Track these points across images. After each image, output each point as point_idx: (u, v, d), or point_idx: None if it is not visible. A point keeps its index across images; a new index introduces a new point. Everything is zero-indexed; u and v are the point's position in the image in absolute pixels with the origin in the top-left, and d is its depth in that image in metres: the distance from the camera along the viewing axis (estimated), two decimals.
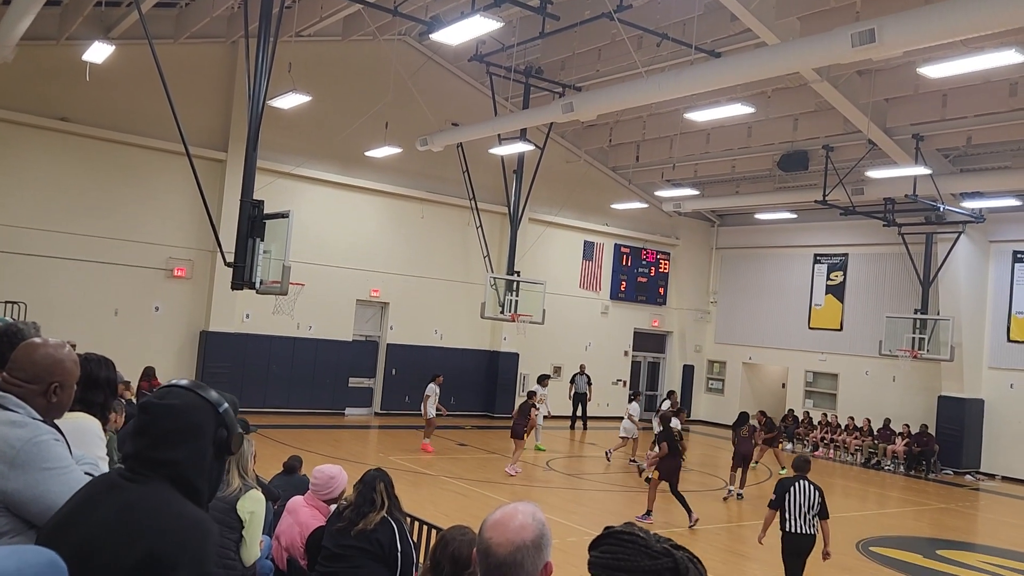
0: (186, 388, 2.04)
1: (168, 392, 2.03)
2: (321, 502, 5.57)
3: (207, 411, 2.01)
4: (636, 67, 14.57)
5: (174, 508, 1.90)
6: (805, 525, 7.77)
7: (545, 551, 1.92)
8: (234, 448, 2.06)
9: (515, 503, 1.99)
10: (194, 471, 1.97)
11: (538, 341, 22.28)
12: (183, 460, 1.95)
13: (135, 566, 1.79)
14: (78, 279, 16.79)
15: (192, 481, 1.96)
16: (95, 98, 16.72)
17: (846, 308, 23.26)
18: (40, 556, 1.56)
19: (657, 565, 1.27)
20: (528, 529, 1.90)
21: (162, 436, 1.95)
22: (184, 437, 1.96)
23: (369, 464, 7.79)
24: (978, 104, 15.65)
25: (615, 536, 1.35)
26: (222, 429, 2.01)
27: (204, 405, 2.01)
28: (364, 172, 20.14)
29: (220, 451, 2.03)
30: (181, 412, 1.98)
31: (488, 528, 1.94)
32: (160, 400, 2.01)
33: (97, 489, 1.99)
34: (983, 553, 12.00)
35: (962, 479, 19.27)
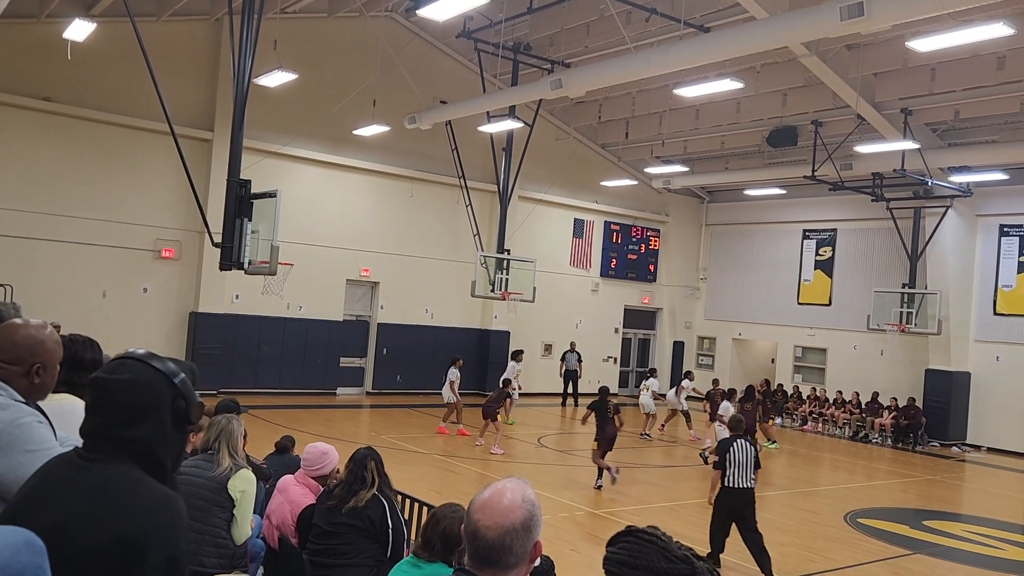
0: (139, 359, 1.94)
1: (120, 365, 1.93)
2: (312, 480, 5.59)
3: (163, 383, 1.92)
4: (625, 43, 14.50)
5: (142, 489, 1.85)
6: (744, 479, 8.49)
7: (534, 532, 1.89)
8: (194, 418, 1.98)
9: (505, 481, 1.94)
10: (157, 446, 1.90)
11: (529, 319, 22.31)
12: (143, 437, 1.88)
13: (107, 549, 1.75)
14: (64, 261, 16.68)
15: (156, 456, 1.90)
16: (78, 77, 16.50)
17: (835, 283, 23.37)
18: (17, 536, 1.54)
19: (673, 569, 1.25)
20: (517, 511, 1.87)
21: (119, 413, 1.88)
22: (143, 414, 1.89)
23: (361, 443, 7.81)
24: (966, 78, 15.65)
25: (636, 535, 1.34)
26: (180, 400, 1.93)
27: (159, 378, 1.92)
28: (352, 151, 20.02)
29: (180, 422, 1.95)
30: (136, 387, 1.90)
31: (477, 509, 1.90)
32: (112, 375, 1.91)
33: (57, 471, 1.92)
34: (968, 523, 12.17)
35: (948, 451, 19.49)
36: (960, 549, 10.41)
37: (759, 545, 8.40)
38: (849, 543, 10.21)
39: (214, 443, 4.98)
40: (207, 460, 4.97)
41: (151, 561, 1.77)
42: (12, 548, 1.51)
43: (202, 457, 5.02)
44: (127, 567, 1.75)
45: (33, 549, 1.54)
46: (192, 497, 4.79)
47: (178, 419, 1.94)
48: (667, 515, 10.95)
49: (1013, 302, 19.68)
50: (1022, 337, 19.41)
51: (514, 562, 1.88)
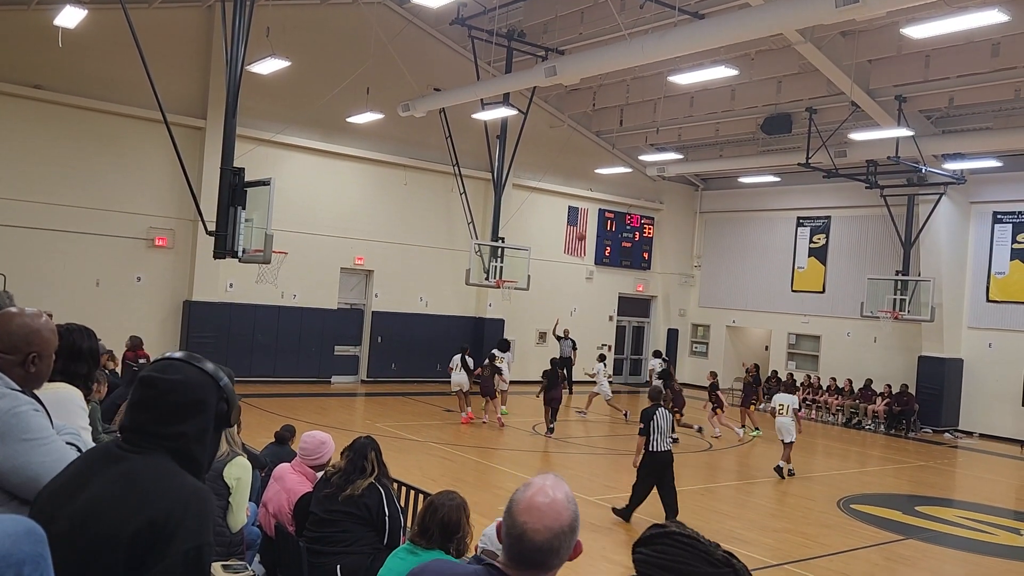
0: (185, 362, 2.03)
1: (169, 366, 2.02)
2: (308, 468, 5.61)
3: (210, 385, 2.01)
4: (619, 30, 14.45)
5: (174, 478, 1.91)
6: (664, 443, 9.59)
7: (577, 531, 1.85)
8: (233, 420, 2.08)
9: (543, 480, 1.87)
10: (196, 444, 1.98)
11: (523, 307, 22.33)
12: (188, 433, 1.96)
13: (135, 534, 1.79)
14: (58, 250, 16.61)
15: (194, 454, 1.98)
16: (69, 65, 16.39)
17: (828, 270, 23.43)
18: (18, 524, 1.54)
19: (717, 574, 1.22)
20: (565, 513, 1.82)
21: (168, 411, 1.96)
22: (190, 412, 1.97)
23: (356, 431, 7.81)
24: (960, 65, 15.65)
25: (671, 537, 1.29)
26: (223, 403, 2.03)
27: (206, 379, 2.02)
28: (346, 139, 19.94)
29: (220, 424, 2.05)
30: (186, 387, 1.98)
31: (522, 511, 1.82)
32: (163, 374, 1.99)
33: (94, 460, 1.99)
34: (960, 508, 12.26)
35: (941, 437, 19.62)
36: (952, 534, 10.50)
37: (672, 502, 9.58)
38: (842, 529, 10.28)
39: None
40: None
41: (177, 547, 1.81)
42: (13, 537, 1.51)
43: None
44: (154, 551, 1.80)
45: (34, 538, 1.54)
46: None
47: (219, 420, 2.04)
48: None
49: (1006, 289, 19.76)
50: (1015, 324, 19.50)
51: (557, 564, 1.84)
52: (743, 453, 15.66)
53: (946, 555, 9.61)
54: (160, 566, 1.79)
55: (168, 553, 1.80)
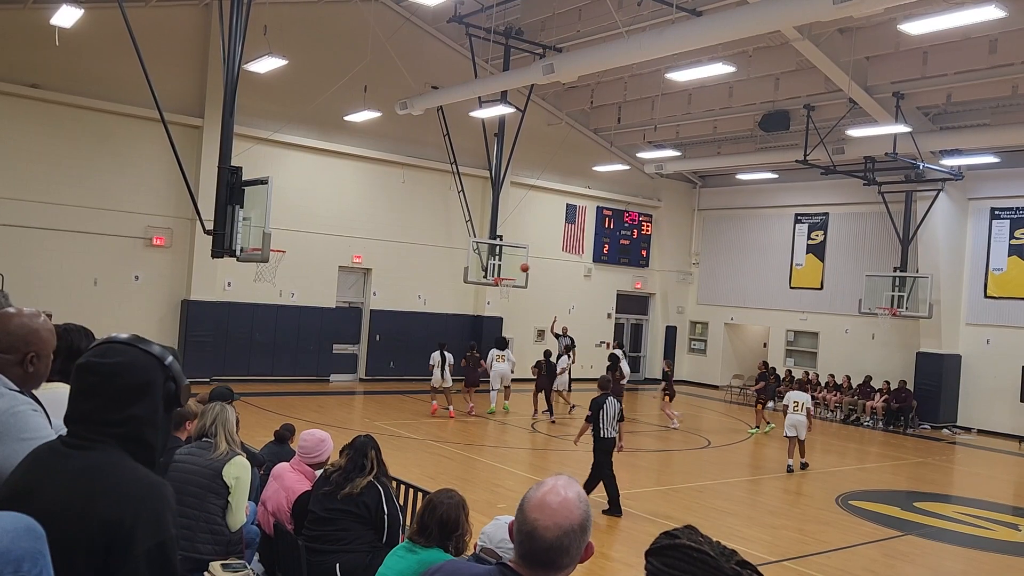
0: (127, 343, 1.96)
1: (109, 349, 1.94)
2: (307, 467, 5.61)
3: (154, 366, 1.94)
4: (617, 27, 14.45)
5: (127, 474, 1.84)
6: (611, 430, 10.08)
7: (589, 532, 1.85)
8: (183, 400, 2.00)
9: (555, 480, 1.88)
10: (147, 427, 1.92)
11: (522, 305, 22.33)
12: (138, 416, 1.90)
13: (93, 536, 1.75)
14: (55, 249, 16.59)
15: (146, 438, 1.92)
16: (66, 64, 16.37)
17: (826, 267, 23.44)
18: (17, 521, 1.54)
19: None
20: (576, 512, 1.82)
21: (113, 397, 1.89)
22: (137, 395, 1.90)
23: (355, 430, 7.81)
24: (958, 61, 15.66)
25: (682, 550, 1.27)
26: (170, 382, 1.96)
27: (150, 360, 1.94)
28: (343, 137, 19.93)
29: (169, 404, 1.97)
30: (130, 369, 1.91)
31: (532, 509, 1.83)
32: (104, 358, 1.92)
33: (42, 459, 1.92)
34: (959, 504, 12.28)
35: (939, 433, 19.64)
36: (951, 530, 10.51)
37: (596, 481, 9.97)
38: (841, 525, 10.29)
39: (211, 428, 5.00)
40: (203, 447, 4.98)
41: (139, 546, 1.76)
42: (12, 534, 1.51)
43: (198, 444, 5.03)
44: (114, 553, 1.75)
45: (33, 535, 1.54)
46: (187, 484, 4.80)
47: (168, 401, 1.96)
48: (661, 499, 11.02)
49: (1004, 285, 19.79)
50: (1012, 320, 19.53)
51: (567, 563, 1.84)
52: (742, 450, 15.67)
53: (945, 551, 9.63)
54: (124, 570, 1.74)
55: (130, 556, 1.75)
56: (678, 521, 9.79)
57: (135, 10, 14.91)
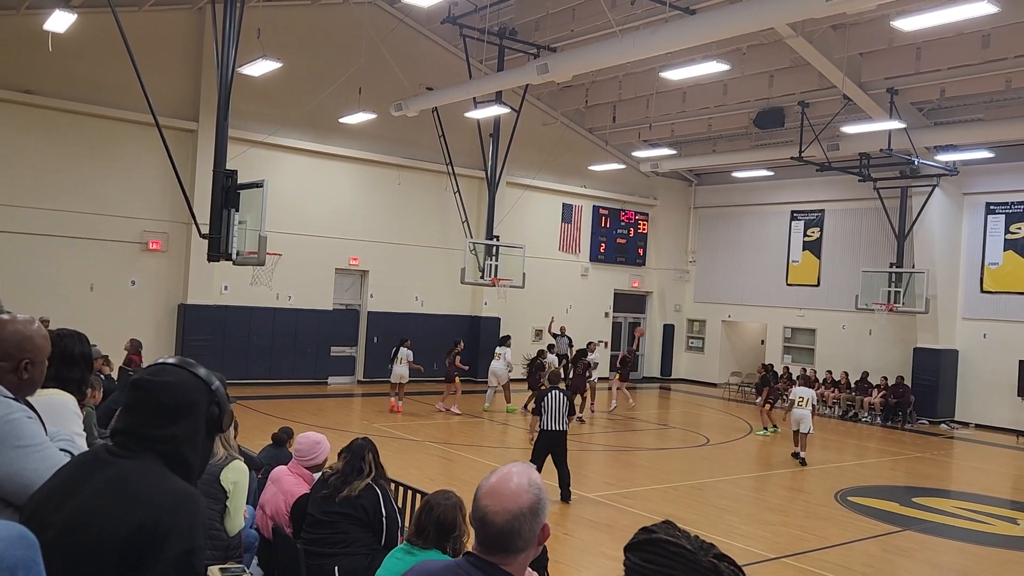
0: (178, 366, 2.05)
1: (161, 369, 2.04)
2: (305, 470, 5.61)
3: (200, 389, 2.02)
4: (610, 26, 14.45)
5: (164, 481, 1.91)
6: (556, 423, 10.12)
7: (542, 515, 1.91)
8: (225, 426, 2.07)
9: (510, 466, 1.96)
10: (188, 447, 1.99)
11: (519, 305, 22.32)
12: (178, 435, 1.97)
13: (126, 538, 1.79)
14: (51, 255, 16.56)
15: (186, 457, 1.98)
16: (60, 69, 16.34)
17: (823, 264, 23.47)
18: (10, 530, 1.54)
19: None
20: (525, 495, 1.89)
21: (158, 413, 1.97)
22: (180, 414, 1.98)
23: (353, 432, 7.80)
24: (951, 56, 15.69)
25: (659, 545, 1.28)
26: (214, 407, 2.04)
27: (197, 383, 2.03)
28: (338, 139, 19.92)
29: (211, 428, 2.05)
30: (177, 390, 2.00)
31: (484, 496, 1.92)
32: (155, 377, 2.01)
33: (84, 464, 2.00)
34: (957, 499, 12.30)
35: (937, 428, 19.68)
36: (950, 525, 10.53)
37: (563, 475, 10.17)
38: (839, 521, 10.31)
39: None
40: None
41: (168, 552, 1.81)
42: (5, 542, 1.51)
43: None
44: (145, 557, 1.80)
45: (26, 543, 1.54)
46: None
47: (210, 424, 2.04)
48: (660, 497, 11.02)
49: (1000, 280, 19.82)
50: (1009, 314, 19.57)
51: (523, 546, 1.91)
52: (741, 448, 15.68)
53: (944, 546, 9.64)
54: (151, 572, 1.79)
55: (159, 558, 1.80)
56: (678, 519, 9.72)
57: (128, 15, 14.89)
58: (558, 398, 10.22)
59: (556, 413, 10.13)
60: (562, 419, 10.15)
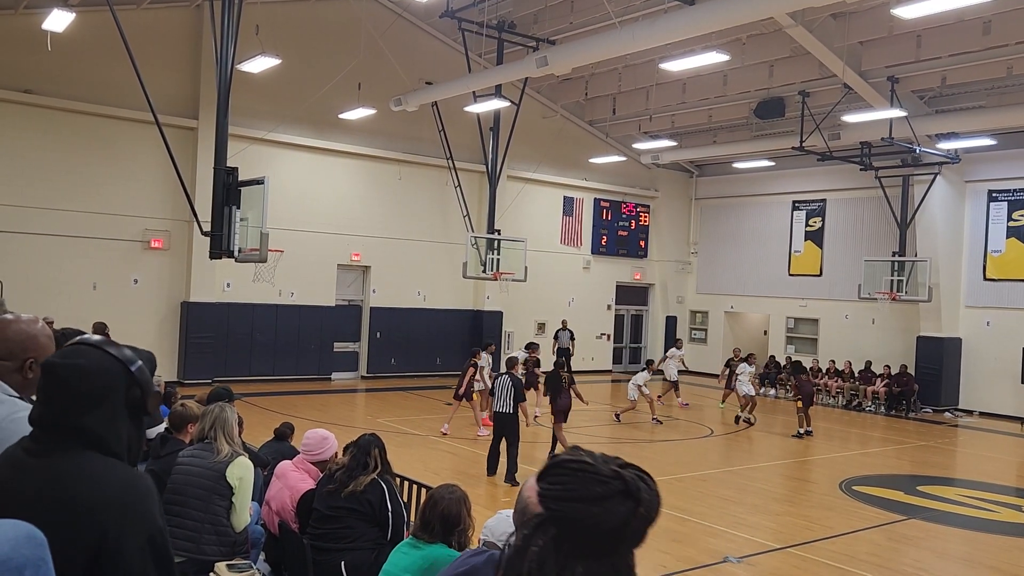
0: (94, 346, 1.87)
1: (74, 351, 1.86)
2: (310, 465, 5.62)
3: (117, 370, 1.84)
4: (609, 18, 14.41)
5: (101, 473, 1.77)
6: (503, 406, 10.88)
7: None
8: (150, 408, 1.89)
9: None
10: (109, 436, 1.82)
11: (521, 298, 22.33)
12: (94, 426, 1.80)
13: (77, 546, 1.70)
14: (53, 254, 16.58)
15: (110, 447, 1.81)
16: (59, 68, 16.33)
17: (825, 253, 23.44)
18: (18, 529, 1.53)
19: (608, 490, 1.25)
20: None
21: (70, 401, 1.80)
22: (94, 401, 1.80)
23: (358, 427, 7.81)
24: (952, 44, 15.63)
25: (563, 466, 1.31)
26: (135, 388, 1.85)
27: (114, 364, 1.84)
28: (339, 135, 19.90)
29: (135, 412, 1.87)
30: (89, 373, 1.81)
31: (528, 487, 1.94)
32: (64, 359, 1.84)
33: (7, 470, 1.82)
34: (962, 487, 12.30)
35: (941, 416, 19.67)
36: (955, 513, 10.53)
37: (512, 460, 10.67)
38: (845, 511, 10.31)
39: (209, 431, 5.01)
40: (205, 449, 4.99)
41: (129, 546, 1.72)
42: (13, 542, 1.50)
43: (200, 446, 5.04)
44: (104, 559, 1.71)
45: (35, 542, 1.53)
46: (191, 486, 4.81)
47: (133, 409, 1.87)
48: (664, 488, 10.92)
49: (1002, 267, 19.79)
50: (1012, 302, 19.53)
51: None
52: (744, 439, 15.70)
53: (949, 534, 9.65)
54: (119, 570, 1.71)
55: (121, 558, 1.71)
56: (682, 510, 9.83)
57: (126, 13, 14.87)
58: (505, 382, 10.99)
59: (503, 396, 10.89)
60: (508, 402, 10.81)
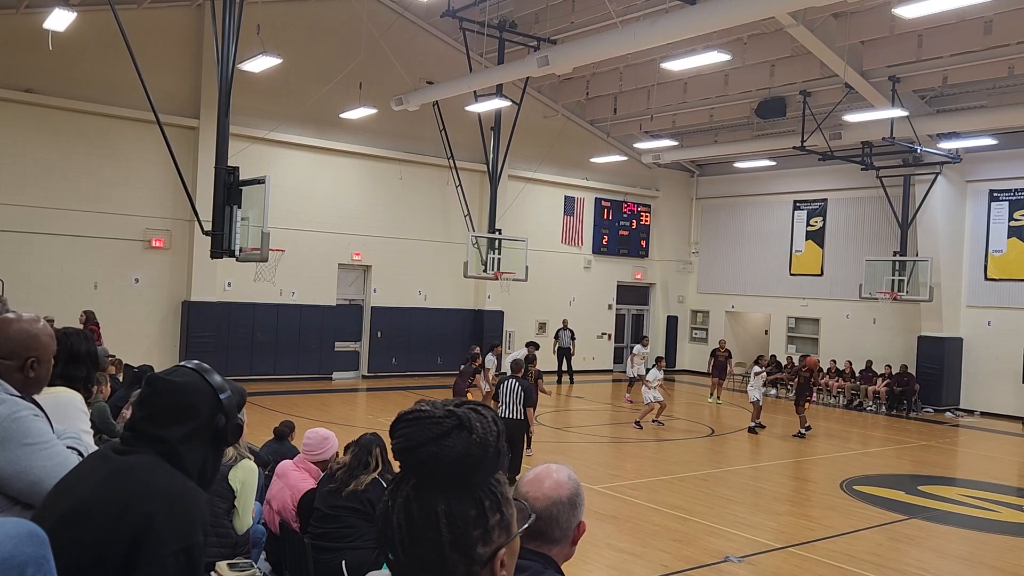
0: (192, 369, 2.01)
1: (175, 370, 2.01)
2: (312, 465, 5.62)
3: (207, 394, 1.96)
4: (610, 17, 14.41)
5: (161, 476, 1.87)
6: (512, 412, 10.20)
7: (579, 509, 1.98)
8: (230, 439, 2.00)
9: (548, 463, 2.06)
10: (184, 453, 1.92)
11: (522, 298, 22.33)
12: (172, 439, 1.91)
13: (121, 533, 1.78)
14: (54, 254, 16.59)
15: (182, 461, 1.92)
16: (60, 68, 16.34)
17: (826, 253, 23.43)
18: (20, 527, 1.54)
19: (443, 428, 1.29)
20: (564, 487, 1.97)
21: (158, 411, 1.93)
22: (178, 416, 1.93)
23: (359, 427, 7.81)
24: (953, 43, 15.62)
25: (403, 419, 1.35)
26: (220, 416, 1.96)
27: (206, 389, 1.96)
28: (340, 134, 19.90)
29: (216, 439, 1.98)
30: (180, 390, 1.95)
31: (525, 484, 2.00)
32: (166, 376, 1.99)
33: (90, 461, 2.00)
34: (963, 487, 12.29)
35: (942, 416, 19.66)
36: (956, 513, 10.53)
37: (518, 461, 10.14)
38: (845, 510, 10.31)
39: None
40: None
41: (164, 549, 1.78)
42: (15, 540, 1.51)
43: None
44: (142, 551, 1.77)
45: (36, 540, 1.54)
46: None
47: (214, 434, 1.97)
48: (665, 487, 11.03)
49: (1004, 267, 19.77)
50: (1013, 302, 19.52)
51: (559, 536, 1.97)
52: (745, 438, 15.69)
53: (950, 533, 9.65)
54: (149, 569, 1.76)
55: (156, 555, 1.78)
56: (684, 510, 9.83)
57: (127, 12, 14.89)
58: (512, 387, 10.34)
59: (511, 402, 10.25)
60: (518, 408, 10.20)
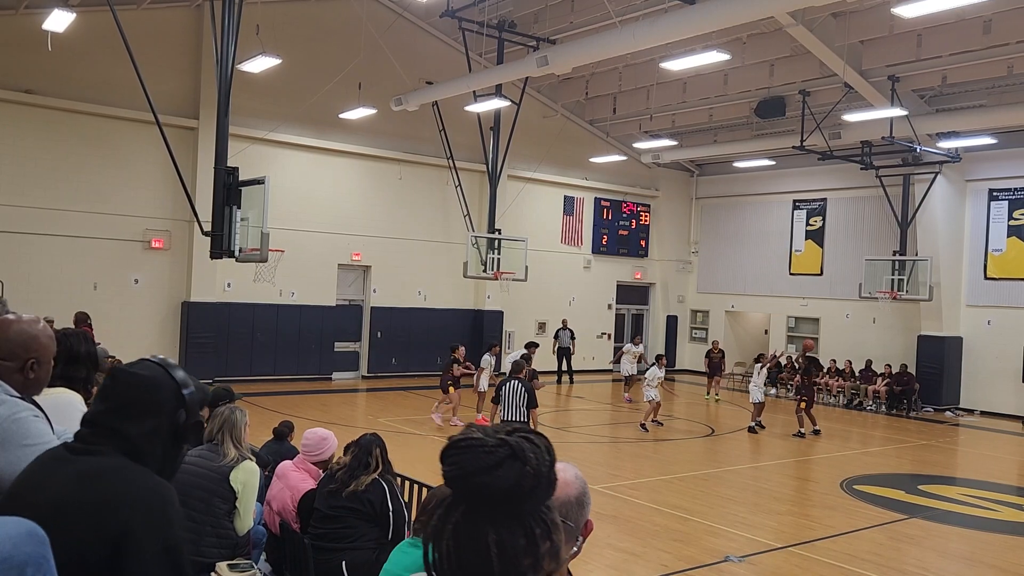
0: (156, 363, 1.98)
1: (140, 362, 1.98)
2: (311, 465, 5.62)
3: (170, 389, 1.93)
4: (610, 17, 14.41)
5: (132, 478, 1.84)
6: (514, 414, 9.87)
7: (586, 508, 1.97)
8: (190, 435, 1.97)
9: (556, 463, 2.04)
10: (144, 448, 1.89)
11: (522, 298, 22.33)
12: (133, 434, 1.88)
13: (97, 540, 1.75)
14: (54, 254, 16.58)
15: (141, 457, 1.88)
16: (59, 68, 16.33)
17: (826, 253, 23.43)
18: (20, 527, 1.54)
19: (496, 457, 1.29)
20: (572, 486, 1.95)
21: (121, 404, 1.90)
22: (140, 410, 1.89)
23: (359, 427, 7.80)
24: (952, 43, 15.62)
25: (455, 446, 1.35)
26: (182, 411, 1.93)
27: (168, 383, 1.93)
28: (339, 135, 19.91)
29: (177, 436, 1.94)
30: (143, 384, 1.92)
31: None
32: (129, 368, 1.96)
33: (44, 464, 1.92)
34: (963, 486, 12.30)
35: (942, 415, 19.66)
36: (956, 512, 10.53)
37: None
38: (846, 510, 10.31)
39: (217, 434, 4.97)
40: (211, 451, 4.96)
41: (144, 551, 1.76)
42: (15, 539, 1.51)
43: (207, 447, 5.01)
44: (120, 558, 1.75)
45: (36, 539, 1.54)
46: (193, 487, 4.79)
47: (176, 431, 1.94)
48: (665, 487, 11.03)
49: (1003, 266, 19.78)
50: (1013, 301, 19.52)
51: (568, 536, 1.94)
52: (745, 438, 15.69)
53: (950, 533, 9.65)
54: (130, 572, 1.75)
55: (136, 560, 1.76)
56: (684, 510, 9.84)
57: (126, 13, 14.88)
58: (515, 389, 10.02)
59: (513, 404, 9.95)
60: (520, 410, 9.89)
